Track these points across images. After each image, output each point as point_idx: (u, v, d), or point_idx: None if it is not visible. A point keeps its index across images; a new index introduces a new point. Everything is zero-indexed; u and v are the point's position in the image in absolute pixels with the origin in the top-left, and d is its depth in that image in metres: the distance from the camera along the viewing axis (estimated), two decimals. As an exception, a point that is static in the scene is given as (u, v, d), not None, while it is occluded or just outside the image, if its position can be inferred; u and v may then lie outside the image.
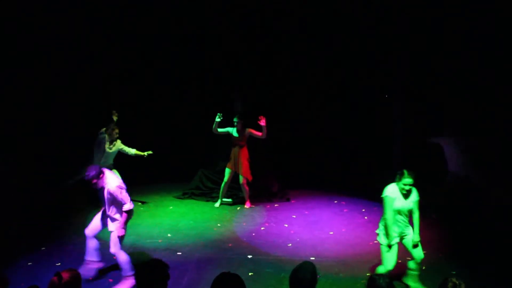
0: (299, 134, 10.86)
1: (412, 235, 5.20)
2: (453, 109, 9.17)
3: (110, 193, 5.25)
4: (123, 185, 5.37)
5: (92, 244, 5.57)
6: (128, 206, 5.28)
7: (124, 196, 5.28)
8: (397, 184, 5.08)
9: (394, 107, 10.25)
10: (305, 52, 10.40)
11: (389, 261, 5.07)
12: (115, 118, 8.12)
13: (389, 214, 5.06)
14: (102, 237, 5.78)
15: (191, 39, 10.32)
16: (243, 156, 8.38)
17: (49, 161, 9.28)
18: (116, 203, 5.32)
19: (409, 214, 5.20)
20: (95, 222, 5.61)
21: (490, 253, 6.30)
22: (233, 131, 8.37)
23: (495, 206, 7.79)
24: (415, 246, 5.19)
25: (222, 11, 9.85)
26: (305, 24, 10.00)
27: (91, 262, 5.57)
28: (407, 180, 5.00)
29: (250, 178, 8.49)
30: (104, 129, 8.06)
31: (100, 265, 5.61)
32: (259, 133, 8.18)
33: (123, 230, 5.34)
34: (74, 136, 9.57)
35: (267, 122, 8.03)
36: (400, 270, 5.39)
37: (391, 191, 5.08)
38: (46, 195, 8.60)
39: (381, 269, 5.10)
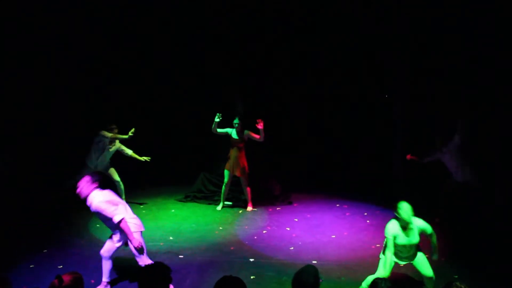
0: (299, 135, 10.85)
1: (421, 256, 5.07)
2: (453, 109, 9.17)
3: (95, 211, 5.02)
4: (110, 198, 5.06)
5: (106, 265, 5.25)
6: (117, 217, 4.94)
7: (108, 209, 4.95)
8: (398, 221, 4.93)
9: (394, 107, 10.25)
10: (305, 52, 10.39)
11: (381, 272, 4.96)
12: (130, 133, 7.95)
13: (388, 254, 4.91)
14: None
15: (191, 39, 10.31)
16: (241, 158, 8.36)
17: (50, 161, 9.27)
18: (107, 218, 5.04)
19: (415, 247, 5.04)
20: (108, 243, 5.29)
21: (490, 253, 6.31)
22: (232, 132, 8.35)
23: (495, 206, 7.80)
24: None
25: (222, 11, 9.84)
26: (305, 24, 10.00)
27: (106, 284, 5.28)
28: (404, 215, 4.80)
29: (247, 180, 8.47)
30: (111, 134, 8.03)
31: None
32: (257, 136, 8.18)
33: (136, 240, 4.95)
34: (74, 136, 9.58)
35: (267, 124, 8.02)
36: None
37: (392, 230, 4.92)
38: (47, 195, 8.59)
39: (370, 277, 4.97)
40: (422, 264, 5.02)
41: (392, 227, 4.92)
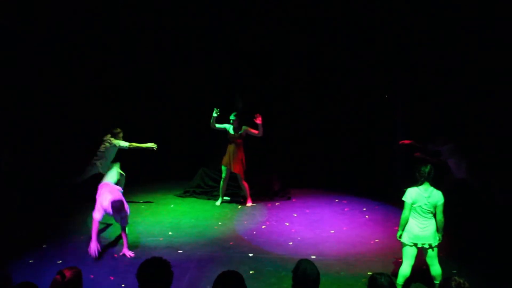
0: (299, 133, 10.84)
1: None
2: (454, 110, 9.16)
3: None
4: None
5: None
6: None
7: None
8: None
9: (396, 106, 10.23)
10: (305, 51, 10.38)
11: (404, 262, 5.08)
12: (150, 145, 8.00)
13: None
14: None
15: (192, 39, 10.31)
16: (238, 154, 8.38)
17: (49, 158, 9.28)
18: None
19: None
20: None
21: (490, 253, 6.28)
22: (230, 128, 8.36)
23: (496, 206, 7.79)
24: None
25: (223, 11, 9.84)
26: (305, 24, 9.98)
27: None
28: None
29: (243, 177, 8.46)
30: (127, 144, 8.02)
31: None
32: (255, 131, 8.20)
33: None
34: (78, 135, 9.59)
35: (266, 120, 8.02)
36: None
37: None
38: (49, 192, 8.61)
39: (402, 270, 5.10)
40: (433, 259, 5.09)
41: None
